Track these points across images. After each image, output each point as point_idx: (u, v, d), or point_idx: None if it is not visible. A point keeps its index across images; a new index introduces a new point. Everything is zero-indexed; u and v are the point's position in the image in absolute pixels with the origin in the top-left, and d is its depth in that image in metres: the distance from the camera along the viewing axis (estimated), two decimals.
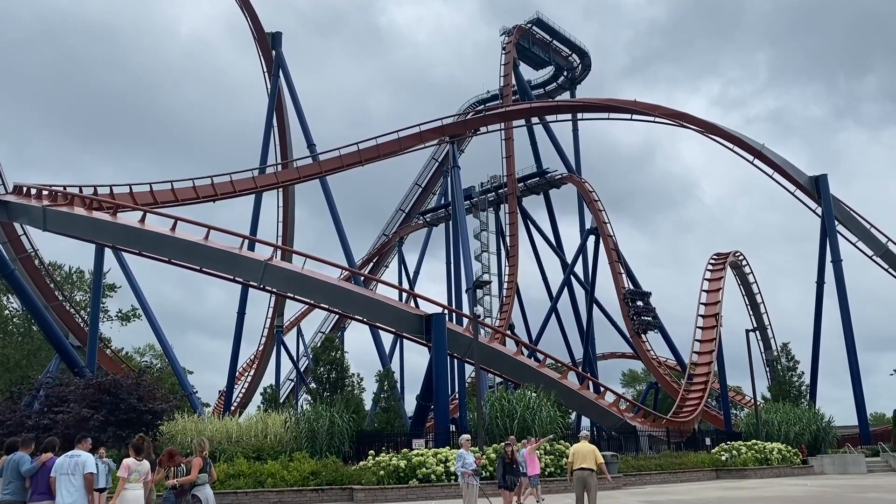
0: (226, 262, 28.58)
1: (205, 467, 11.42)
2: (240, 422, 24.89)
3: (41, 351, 48.09)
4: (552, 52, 64.27)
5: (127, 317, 55.44)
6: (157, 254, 28.74)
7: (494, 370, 32.90)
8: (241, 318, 44.80)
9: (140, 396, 24.14)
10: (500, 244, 59.59)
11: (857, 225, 46.70)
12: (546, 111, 53.12)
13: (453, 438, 27.02)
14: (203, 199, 39.81)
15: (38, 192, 32.75)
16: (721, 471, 29.36)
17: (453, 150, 50.44)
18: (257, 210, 45.45)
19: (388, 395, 33.84)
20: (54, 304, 43.02)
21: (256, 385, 56.21)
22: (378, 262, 64.66)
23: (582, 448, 13.35)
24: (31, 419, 23.92)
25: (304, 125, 46.77)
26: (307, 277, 29.21)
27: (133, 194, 36.46)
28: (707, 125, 44.43)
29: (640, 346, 51.16)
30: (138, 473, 10.29)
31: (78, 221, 29.81)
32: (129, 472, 10.15)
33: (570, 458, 13.53)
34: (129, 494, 10.16)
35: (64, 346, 34.65)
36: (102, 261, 38.95)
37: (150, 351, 63.76)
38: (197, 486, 11.17)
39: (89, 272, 51.20)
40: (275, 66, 49.09)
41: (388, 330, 32.91)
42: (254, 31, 50.27)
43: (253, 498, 19.45)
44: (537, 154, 58.62)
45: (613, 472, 25.09)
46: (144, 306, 43.76)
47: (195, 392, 43.36)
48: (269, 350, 55.54)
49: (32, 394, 29.40)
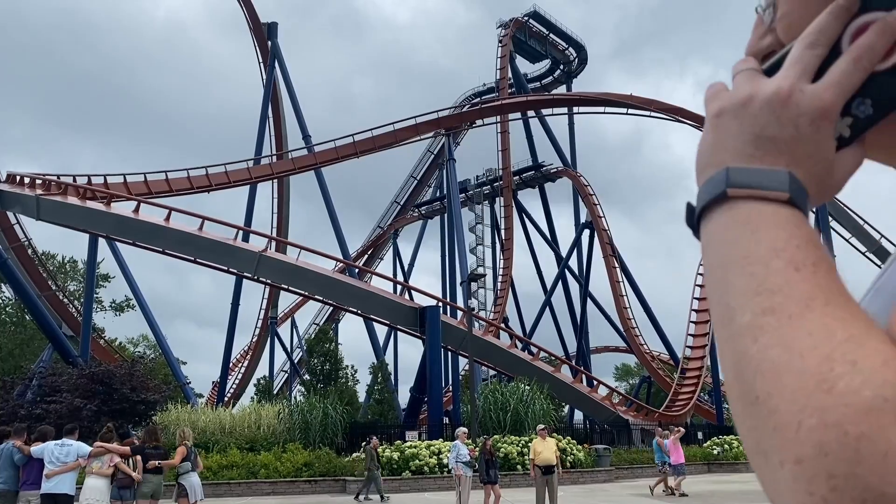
0: (220, 252, 28.54)
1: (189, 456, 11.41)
2: (233, 413, 24.93)
3: (34, 340, 47.97)
4: (548, 46, 64.15)
5: (120, 307, 55.34)
6: (152, 244, 28.67)
7: (488, 363, 32.97)
8: (235, 309, 44.70)
9: (133, 387, 24.15)
10: (495, 237, 59.63)
11: (850, 221, 46.87)
12: (542, 104, 53.13)
13: (446, 431, 27.08)
14: (198, 189, 39.70)
15: (31, 181, 32.60)
16: (713, 464, 29.52)
17: (449, 142, 50.36)
18: (252, 201, 45.35)
19: (382, 387, 33.90)
20: (47, 294, 42.85)
21: (250, 376, 56.15)
22: (373, 255, 64.62)
23: (543, 443, 13.46)
24: (24, 409, 23.90)
25: (300, 116, 46.65)
26: (301, 269, 29.17)
27: (127, 184, 36.33)
28: (702, 119, 44.40)
29: (633, 339, 51.31)
30: (101, 463, 10.24)
31: (72, 211, 29.70)
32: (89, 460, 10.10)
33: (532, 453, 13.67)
34: (92, 483, 10.11)
35: (57, 336, 34.57)
36: (96, 250, 38.76)
37: (144, 341, 63.71)
38: (181, 474, 11.18)
39: (83, 262, 51.00)
40: (270, 56, 48.89)
41: (382, 322, 32.93)
42: (249, 22, 50.03)
43: (246, 488, 19.48)
44: (533, 147, 58.63)
45: (605, 465, 25.22)
46: (138, 296, 43.65)
47: (188, 382, 43.32)
48: (262, 341, 55.48)
49: (25, 383, 29.33)
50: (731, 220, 0.47)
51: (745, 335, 0.42)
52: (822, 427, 0.36)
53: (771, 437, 0.38)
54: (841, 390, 0.37)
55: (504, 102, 51.81)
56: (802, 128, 0.48)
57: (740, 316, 0.43)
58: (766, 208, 0.47)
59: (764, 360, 0.40)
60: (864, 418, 0.36)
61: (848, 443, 0.36)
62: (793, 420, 0.38)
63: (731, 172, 0.48)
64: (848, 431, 0.36)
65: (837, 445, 0.36)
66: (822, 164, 0.49)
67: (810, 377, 0.38)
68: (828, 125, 0.48)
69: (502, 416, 25.55)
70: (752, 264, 0.45)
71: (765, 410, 0.39)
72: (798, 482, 0.37)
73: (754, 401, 0.40)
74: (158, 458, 10.94)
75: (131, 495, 10.72)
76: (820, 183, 0.49)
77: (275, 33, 49.05)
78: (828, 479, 0.36)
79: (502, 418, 25.47)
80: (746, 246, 0.46)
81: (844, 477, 0.35)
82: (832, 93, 0.48)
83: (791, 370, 0.39)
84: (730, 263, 0.46)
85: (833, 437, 0.36)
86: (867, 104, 0.49)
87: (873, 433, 0.35)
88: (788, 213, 0.46)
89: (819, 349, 0.39)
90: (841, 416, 0.36)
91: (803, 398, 0.38)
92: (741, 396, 0.42)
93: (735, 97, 0.52)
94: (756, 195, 0.47)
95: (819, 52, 0.50)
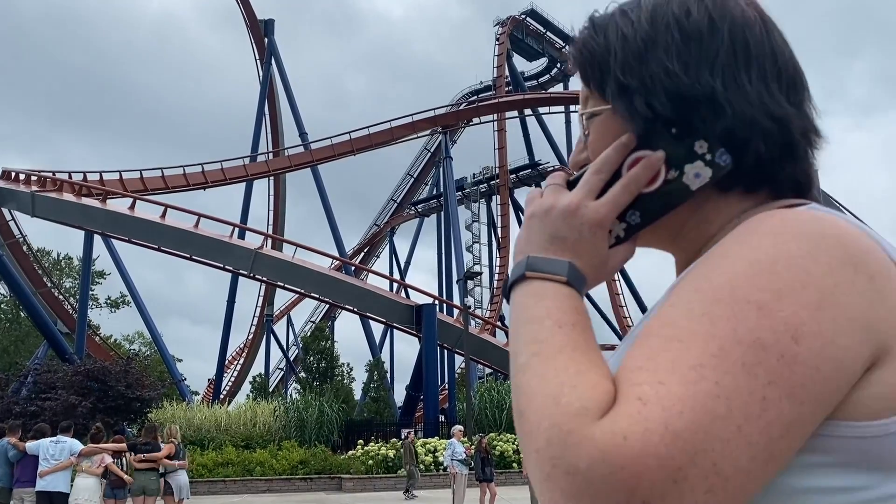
0: (216, 250, 28.49)
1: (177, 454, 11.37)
2: (229, 410, 24.92)
3: (29, 337, 47.86)
4: (546, 44, 64.08)
5: (116, 304, 55.22)
6: (147, 241, 28.61)
7: (484, 361, 32.97)
8: (231, 306, 44.66)
9: (128, 384, 24.10)
10: (492, 235, 59.63)
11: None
12: (539, 103, 53.11)
13: (442, 429, 27.09)
14: (194, 186, 39.61)
15: (26, 178, 32.50)
16: None
17: (446, 140, 50.37)
18: (248, 198, 45.29)
19: (378, 384, 33.90)
20: (42, 291, 42.70)
21: (246, 374, 56.07)
22: (369, 252, 64.56)
23: None
24: (19, 406, 23.84)
25: (296, 113, 46.59)
26: (297, 266, 29.14)
27: (123, 181, 36.24)
28: None
29: None
30: (91, 462, 10.22)
31: (67, 208, 29.62)
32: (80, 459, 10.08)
33: None
34: (82, 483, 10.09)
35: (52, 333, 34.49)
36: (91, 247, 38.75)
37: (140, 338, 63.59)
38: (168, 472, 11.15)
39: (78, 259, 50.95)
40: (267, 53, 48.80)
41: (378, 320, 32.91)
42: (246, 19, 49.92)
43: (241, 486, 19.46)
44: (530, 146, 58.62)
45: None
46: (133, 293, 43.58)
47: (184, 380, 43.26)
48: (258, 339, 55.43)
49: (20, 380, 29.28)
50: (527, 293, 0.69)
51: (521, 371, 0.63)
52: (550, 426, 0.56)
53: (526, 437, 0.59)
54: (562, 402, 0.57)
55: (501, 100, 51.77)
56: (584, 232, 0.70)
57: (520, 358, 0.64)
58: (550, 286, 0.68)
59: (527, 386, 0.61)
60: (572, 419, 0.56)
61: (562, 436, 0.55)
62: (536, 424, 0.58)
63: (530, 260, 0.70)
64: (562, 428, 0.55)
65: (556, 438, 0.55)
66: (598, 258, 0.72)
67: (549, 396, 0.58)
68: (602, 231, 0.71)
69: (498, 415, 25.56)
70: (532, 322, 0.66)
71: (524, 420, 0.60)
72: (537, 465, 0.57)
73: (521, 414, 0.60)
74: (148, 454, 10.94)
75: (124, 494, 10.71)
76: (596, 271, 0.72)
77: (271, 30, 48.96)
78: (550, 459, 0.56)
79: (498, 416, 25.48)
80: (531, 310, 0.67)
81: (559, 458, 0.55)
82: (607, 209, 0.71)
83: (540, 392, 0.59)
84: (521, 321, 0.67)
85: (554, 433, 0.56)
86: (637, 215, 0.72)
87: (576, 429, 0.55)
88: (566, 290, 0.68)
89: (558, 378, 0.59)
90: (559, 419, 0.56)
91: (543, 409, 0.58)
92: (516, 413, 0.62)
93: (542, 205, 0.73)
94: (544, 277, 0.69)
95: (602, 177, 0.72)
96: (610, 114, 0.77)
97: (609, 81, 0.76)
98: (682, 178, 0.71)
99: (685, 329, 0.59)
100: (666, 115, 0.72)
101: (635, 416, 0.54)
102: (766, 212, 0.69)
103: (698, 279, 0.64)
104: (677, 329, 0.60)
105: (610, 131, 0.76)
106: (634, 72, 0.74)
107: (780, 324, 0.58)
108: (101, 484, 10.33)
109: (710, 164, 0.71)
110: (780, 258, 0.61)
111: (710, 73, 0.73)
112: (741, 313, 0.58)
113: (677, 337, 0.59)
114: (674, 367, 0.57)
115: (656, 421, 0.54)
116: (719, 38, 0.74)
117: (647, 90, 0.73)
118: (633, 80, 0.74)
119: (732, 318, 0.58)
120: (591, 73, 0.79)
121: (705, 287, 0.62)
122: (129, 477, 10.61)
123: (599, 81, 0.78)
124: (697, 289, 0.62)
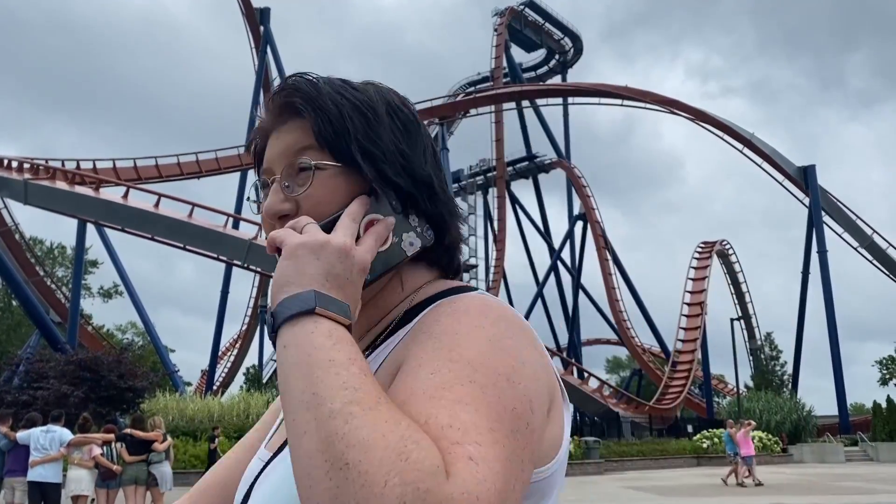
0: (210, 240, 28.27)
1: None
2: (222, 401, 24.73)
3: (21, 326, 47.58)
4: (544, 35, 63.83)
5: (108, 293, 54.94)
6: (141, 230, 28.37)
7: None
8: (225, 297, 44.41)
9: (121, 374, 23.89)
10: (488, 228, 59.53)
11: (843, 216, 46.89)
12: (537, 94, 52.84)
13: None
14: (187, 175, 39.37)
15: (19, 165, 32.20)
16: (702, 458, 29.55)
17: (443, 131, 50.14)
18: (242, 187, 44.97)
19: None
20: (35, 280, 42.42)
21: (239, 365, 55.87)
22: None
23: None
24: (11, 395, 23.61)
25: None
26: None
27: (116, 169, 35.97)
28: (697, 112, 44.36)
29: (624, 332, 51.36)
30: (82, 453, 10.09)
31: (60, 196, 29.34)
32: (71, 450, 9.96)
33: None
34: (74, 474, 9.97)
35: (44, 322, 34.21)
36: (84, 236, 38.36)
37: (132, 328, 63.32)
38: (153, 463, 11.06)
39: (71, 248, 50.60)
40: (262, 42, 48.44)
41: None
42: (242, 7, 49.51)
43: None
44: (527, 138, 58.40)
45: (595, 457, 25.18)
46: (126, 283, 43.30)
47: (177, 370, 43.06)
48: (252, 330, 55.21)
49: (12, 369, 29.04)
50: (318, 330, 0.67)
51: (336, 418, 0.60)
52: (402, 484, 0.55)
53: (359, 491, 0.56)
54: (413, 459, 0.57)
55: (499, 92, 51.50)
56: (353, 275, 0.74)
57: (330, 403, 0.61)
58: (340, 328, 0.68)
59: (355, 437, 0.58)
60: (427, 478, 0.56)
61: (419, 495, 0.55)
62: (380, 479, 0.56)
63: (318, 296, 0.69)
64: (419, 487, 0.55)
65: (412, 497, 0.55)
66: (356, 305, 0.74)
67: (392, 450, 0.57)
68: (362, 278, 0.75)
69: None
70: (336, 367, 0.64)
71: (355, 473, 0.56)
72: None
73: (344, 467, 0.57)
74: (141, 445, 10.83)
75: (116, 484, 10.59)
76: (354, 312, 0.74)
77: (267, 19, 48.58)
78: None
79: None
80: (329, 352, 0.65)
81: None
82: (369, 256, 0.76)
83: (378, 446, 0.57)
84: (317, 362, 0.65)
85: (409, 491, 0.55)
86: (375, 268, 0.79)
87: (433, 489, 0.55)
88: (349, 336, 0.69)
89: (395, 432, 0.58)
90: (412, 476, 0.56)
91: (388, 464, 0.56)
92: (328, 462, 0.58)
93: (314, 239, 0.73)
94: (334, 318, 0.69)
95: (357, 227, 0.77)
96: (339, 171, 0.82)
97: (350, 144, 0.82)
98: (401, 244, 0.81)
99: (466, 394, 0.64)
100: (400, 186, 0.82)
101: (477, 476, 0.57)
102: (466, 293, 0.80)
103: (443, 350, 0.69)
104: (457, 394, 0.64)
105: (340, 188, 0.82)
106: (374, 142, 0.82)
107: (522, 394, 0.67)
108: (94, 475, 10.23)
109: (420, 236, 0.83)
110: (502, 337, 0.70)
111: (425, 163, 0.86)
112: (498, 383, 0.66)
113: (462, 401, 0.63)
114: (477, 429, 0.61)
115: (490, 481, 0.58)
116: (423, 136, 0.87)
117: (386, 161, 0.82)
118: (376, 149, 0.82)
119: (495, 387, 0.65)
120: (324, 129, 0.82)
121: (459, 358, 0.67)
122: (118, 466, 10.53)
123: (333, 140, 0.82)
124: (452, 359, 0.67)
